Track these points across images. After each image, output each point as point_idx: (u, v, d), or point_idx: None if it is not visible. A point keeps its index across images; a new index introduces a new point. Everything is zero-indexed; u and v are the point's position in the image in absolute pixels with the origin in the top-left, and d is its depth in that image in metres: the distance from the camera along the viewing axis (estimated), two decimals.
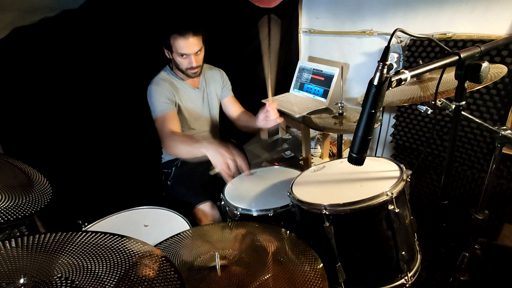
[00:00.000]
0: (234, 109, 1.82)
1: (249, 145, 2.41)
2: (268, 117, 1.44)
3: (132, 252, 0.77)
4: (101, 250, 0.77)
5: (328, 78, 2.13)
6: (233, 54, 2.24)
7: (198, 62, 1.55)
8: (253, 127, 1.66)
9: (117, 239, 0.81)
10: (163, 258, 0.76)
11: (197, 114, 1.70)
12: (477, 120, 1.03)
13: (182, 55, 1.50)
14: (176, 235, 1.07)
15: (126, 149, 1.66)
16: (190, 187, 1.58)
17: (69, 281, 0.67)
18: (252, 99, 2.36)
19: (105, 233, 0.82)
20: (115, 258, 0.75)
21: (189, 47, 1.48)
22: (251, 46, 2.32)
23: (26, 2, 1.45)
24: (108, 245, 0.79)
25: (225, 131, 1.97)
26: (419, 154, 1.90)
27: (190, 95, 1.66)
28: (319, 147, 2.48)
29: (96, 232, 0.82)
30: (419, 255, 1.14)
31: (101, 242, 0.79)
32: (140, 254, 0.77)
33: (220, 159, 1.17)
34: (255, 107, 2.35)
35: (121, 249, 0.78)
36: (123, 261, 0.74)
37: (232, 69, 1.92)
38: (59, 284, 0.67)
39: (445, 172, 0.98)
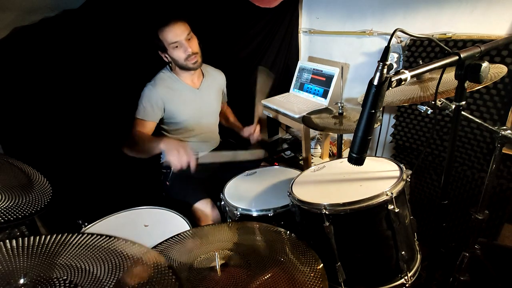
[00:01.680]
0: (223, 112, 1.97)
1: (249, 145, 2.41)
2: (252, 137, 1.76)
3: (131, 255, 0.77)
4: (100, 252, 0.77)
5: (328, 78, 2.13)
6: (233, 54, 2.24)
7: (194, 49, 1.53)
8: (233, 128, 1.92)
9: (116, 241, 0.81)
10: (161, 260, 0.76)
11: (196, 115, 1.69)
12: (477, 120, 1.03)
13: (174, 45, 1.50)
14: (176, 235, 1.07)
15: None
16: (188, 186, 1.58)
17: (67, 282, 0.67)
18: (250, 99, 2.36)
19: (104, 235, 0.82)
20: (114, 260, 0.75)
21: (176, 33, 1.48)
22: (251, 46, 2.32)
23: (26, 2, 1.45)
24: (108, 246, 0.79)
25: (225, 131, 1.97)
26: (419, 154, 1.90)
27: (188, 96, 1.65)
28: (319, 147, 2.48)
29: (96, 234, 0.82)
30: (419, 255, 1.14)
31: (100, 244, 0.79)
32: (139, 256, 0.77)
33: (173, 149, 1.33)
34: (252, 107, 2.36)
35: (121, 251, 0.78)
36: (122, 263, 0.74)
37: (232, 69, 1.92)
38: (58, 285, 0.67)
39: (445, 172, 0.99)
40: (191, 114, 1.67)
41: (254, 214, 1.27)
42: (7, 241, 0.74)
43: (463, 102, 0.86)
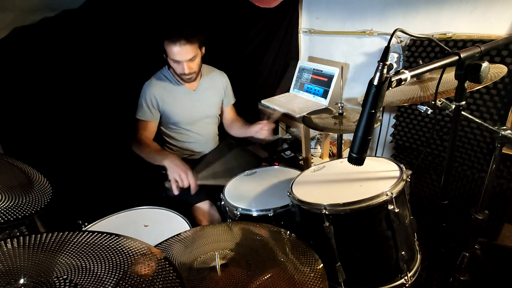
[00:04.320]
0: (229, 118, 1.92)
1: (249, 145, 2.41)
2: (262, 132, 1.67)
3: (131, 252, 0.77)
4: (100, 250, 0.77)
5: (328, 78, 2.13)
6: (233, 54, 2.24)
7: (191, 69, 1.53)
8: (243, 134, 1.84)
9: (116, 239, 0.81)
10: (163, 258, 0.76)
11: (191, 116, 1.69)
12: (477, 120, 1.03)
13: (175, 61, 1.50)
14: (176, 235, 1.08)
15: (126, 149, 1.66)
16: (188, 188, 1.58)
17: (67, 281, 0.67)
18: (250, 99, 2.37)
19: (104, 233, 0.82)
20: (114, 258, 0.75)
21: (181, 54, 1.46)
22: (251, 46, 2.32)
23: (26, 2, 1.45)
24: (108, 245, 0.79)
25: (224, 131, 1.97)
26: (419, 154, 1.90)
27: (183, 97, 1.65)
28: (319, 147, 2.48)
29: (96, 232, 0.82)
30: (419, 255, 1.14)
31: (100, 242, 0.79)
32: (140, 254, 0.77)
33: (175, 172, 1.40)
34: (252, 107, 2.37)
35: (121, 249, 0.78)
36: (123, 261, 0.74)
37: (231, 69, 1.92)
38: (59, 284, 0.67)
39: (445, 172, 0.98)
40: (187, 115, 1.68)
41: (254, 214, 1.27)
42: (8, 240, 0.74)
43: (463, 102, 0.86)
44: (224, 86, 1.84)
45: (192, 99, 1.68)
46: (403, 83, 0.72)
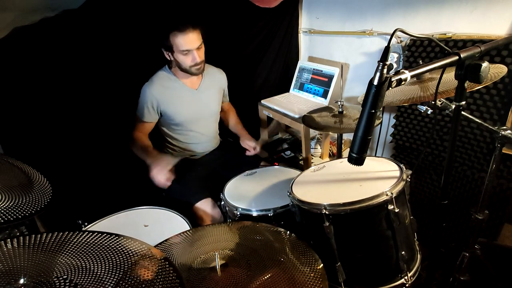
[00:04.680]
0: (225, 110, 1.98)
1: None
2: (249, 152, 1.79)
3: (131, 252, 0.77)
4: (100, 250, 0.77)
5: (328, 78, 2.13)
6: (233, 54, 2.24)
7: (201, 57, 1.55)
8: (235, 132, 1.93)
9: (117, 239, 0.81)
10: (163, 258, 0.76)
11: (195, 116, 1.69)
12: (477, 120, 1.03)
13: (184, 52, 1.50)
14: (176, 235, 1.07)
15: (126, 149, 1.66)
16: (188, 185, 1.58)
17: (67, 281, 0.67)
18: (250, 99, 2.37)
19: (105, 233, 0.82)
20: (114, 258, 0.75)
21: (190, 43, 1.48)
22: (250, 46, 2.32)
23: (27, 2, 1.45)
24: (108, 245, 0.79)
25: (225, 131, 1.97)
26: (419, 154, 1.90)
27: (186, 96, 1.65)
28: (319, 147, 2.48)
29: (96, 232, 0.82)
30: (419, 255, 1.14)
31: (100, 242, 0.79)
32: (140, 254, 0.77)
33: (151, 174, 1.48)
34: (252, 107, 2.37)
35: (121, 249, 0.78)
36: (123, 261, 0.74)
37: (231, 69, 1.92)
38: (59, 284, 0.67)
39: (445, 172, 0.99)
40: (189, 115, 1.67)
41: (254, 214, 1.27)
42: (8, 240, 0.74)
43: (463, 102, 0.86)
44: (224, 83, 1.85)
45: (194, 98, 1.68)
46: (403, 83, 0.72)
